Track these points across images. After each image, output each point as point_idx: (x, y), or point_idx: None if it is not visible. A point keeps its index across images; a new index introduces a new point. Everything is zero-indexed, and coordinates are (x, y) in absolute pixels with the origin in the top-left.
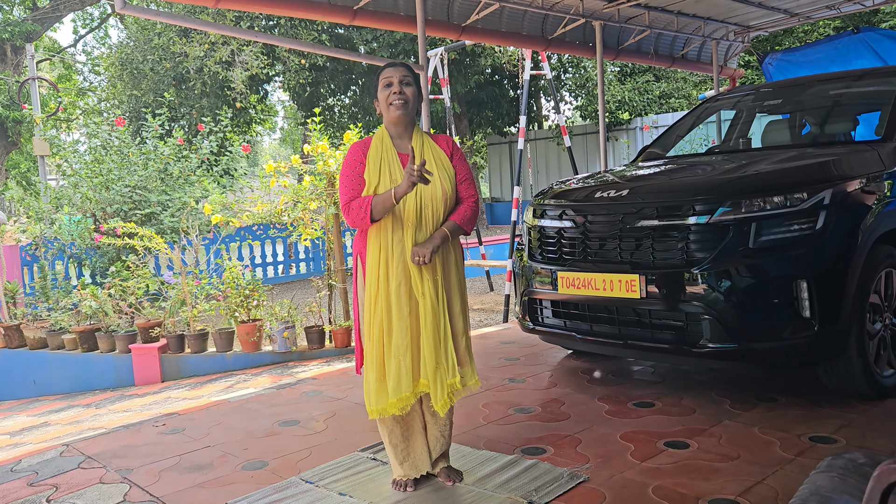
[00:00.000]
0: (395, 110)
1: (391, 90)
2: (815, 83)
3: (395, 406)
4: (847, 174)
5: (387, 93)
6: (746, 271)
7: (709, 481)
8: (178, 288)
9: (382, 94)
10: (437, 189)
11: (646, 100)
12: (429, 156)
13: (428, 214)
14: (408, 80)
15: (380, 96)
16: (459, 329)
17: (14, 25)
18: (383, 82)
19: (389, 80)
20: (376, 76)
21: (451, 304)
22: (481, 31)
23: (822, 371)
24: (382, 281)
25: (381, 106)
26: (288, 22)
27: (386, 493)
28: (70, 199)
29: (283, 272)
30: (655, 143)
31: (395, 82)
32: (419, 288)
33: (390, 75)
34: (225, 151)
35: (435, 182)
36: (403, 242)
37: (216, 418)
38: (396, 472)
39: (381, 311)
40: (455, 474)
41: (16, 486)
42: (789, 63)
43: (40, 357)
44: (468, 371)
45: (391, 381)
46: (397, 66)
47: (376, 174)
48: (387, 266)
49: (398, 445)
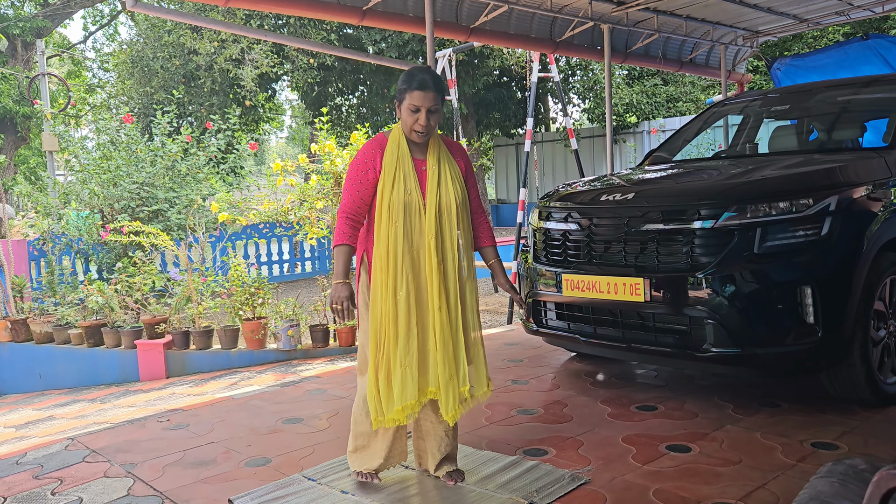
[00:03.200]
0: (416, 137)
1: (417, 120)
2: (822, 89)
3: (400, 414)
4: (853, 181)
5: (413, 119)
6: (751, 276)
7: (710, 485)
8: (184, 285)
9: (408, 117)
10: (451, 199)
11: (653, 103)
12: (445, 166)
13: (445, 225)
14: (436, 108)
15: (404, 115)
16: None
17: (25, 21)
18: (410, 105)
19: (417, 106)
20: (404, 84)
21: (465, 314)
22: (490, 32)
23: (825, 377)
24: (390, 288)
25: (402, 119)
26: (297, 21)
27: (388, 491)
28: (78, 194)
29: (288, 271)
30: (662, 147)
31: (423, 113)
32: (435, 301)
33: (420, 103)
34: (233, 149)
35: (449, 193)
36: (421, 253)
37: (220, 415)
38: (375, 462)
39: (387, 318)
40: (457, 474)
41: (21, 478)
42: (798, 68)
43: (46, 351)
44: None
45: (397, 389)
46: (427, 90)
47: (390, 183)
48: (395, 274)
49: (385, 440)
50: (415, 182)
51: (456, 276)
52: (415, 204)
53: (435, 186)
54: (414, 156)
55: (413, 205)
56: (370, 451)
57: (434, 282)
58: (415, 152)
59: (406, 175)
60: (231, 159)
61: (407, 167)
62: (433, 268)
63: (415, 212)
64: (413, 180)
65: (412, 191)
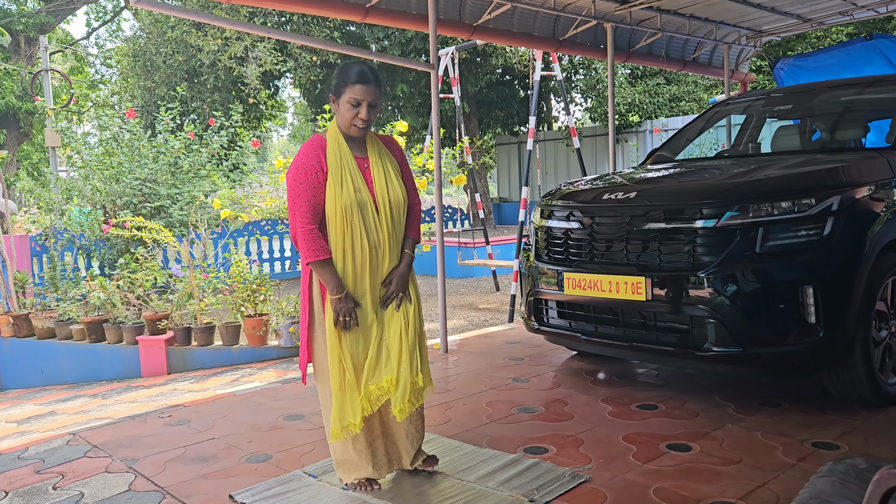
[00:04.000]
0: (357, 132)
1: (358, 114)
2: (826, 89)
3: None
4: (856, 181)
5: (353, 113)
6: (752, 276)
7: (710, 484)
8: (186, 281)
9: (347, 112)
10: (398, 196)
11: (656, 102)
12: (386, 162)
13: (395, 222)
14: (375, 102)
15: (343, 110)
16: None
17: (28, 17)
18: (350, 98)
19: (358, 100)
20: (342, 79)
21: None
22: (493, 31)
23: (826, 377)
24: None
25: (340, 114)
26: (301, 19)
27: (387, 487)
28: (80, 190)
29: (289, 268)
30: (664, 146)
31: (363, 107)
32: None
33: (361, 96)
34: (235, 146)
35: (395, 189)
36: (376, 253)
37: (221, 411)
38: (355, 474)
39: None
40: (432, 460)
41: (23, 472)
42: (801, 68)
43: (48, 347)
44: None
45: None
46: (368, 83)
47: (339, 183)
48: (353, 276)
49: (363, 451)
50: (361, 180)
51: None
52: (367, 202)
53: (383, 184)
54: (354, 154)
55: (366, 203)
56: (351, 463)
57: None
58: (354, 150)
59: (352, 173)
60: (233, 156)
61: (351, 165)
62: (389, 266)
63: (368, 211)
64: (360, 178)
65: (361, 189)
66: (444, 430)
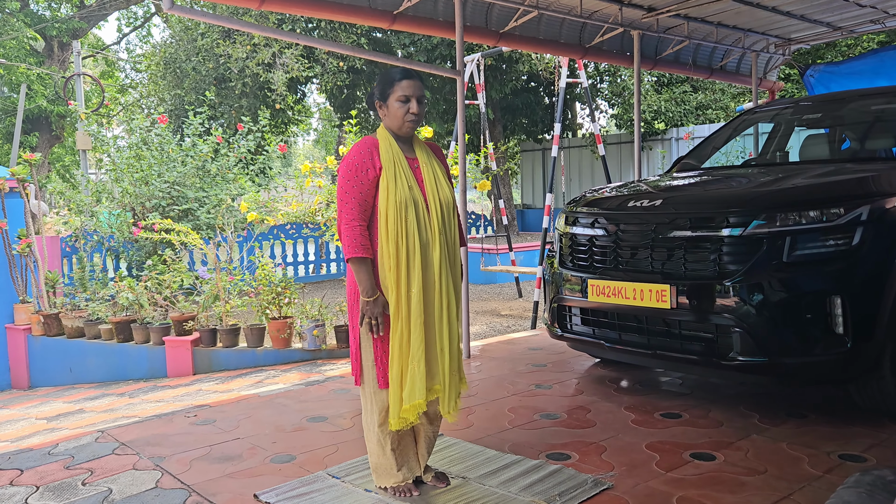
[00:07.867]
0: (409, 127)
1: (409, 109)
2: (855, 98)
3: (410, 413)
4: (886, 191)
5: (404, 109)
6: (779, 285)
7: (734, 494)
8: (212, 283)
9: (398, 108)
10: (448, 195)
11: (682, 110)
12: (434, 163)
13: (446, 221)
14: (423, 97)
15: (394, 109)
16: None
17: (61, 23)
18: (400, 96)
19: (408, 96)
20: (387, 81)
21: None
22: (519, 38)
23: (853, 389)
24: (402, 287)
25: (391, 115)
26: (328, 25)
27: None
28: (110, 192)
29: (314, 271)
30: (691, 154)
31: (413, 102)
32: (444, 298)
33: (409, 92)
34: (262, 151)
35: (444, 189)
36: (429, 250)
37: (246, 411)
38: (393, 479)
39: (399, 318)
40: (443, 477)
41: (53, 468)
42: (832, 75)
43: (77, 346)
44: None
45: (406, 388)
46: (413, 79)
47: (393, 179)
48: (407, 272)
49: (395, 450)
50: (413, 179)
51: (459, 273)
52: (419, 200)
53: (433, 183)
54: (405, 154)
55: (417, 201)
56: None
57: (443, 278)
58: (404, 151)
59: (405, 172)
60: (260, 160)
61: (403, 164)
62: (442, 264)
63: (420, 208)
64: (412, 177)
65: (413, 187)
66: (466, 435)
